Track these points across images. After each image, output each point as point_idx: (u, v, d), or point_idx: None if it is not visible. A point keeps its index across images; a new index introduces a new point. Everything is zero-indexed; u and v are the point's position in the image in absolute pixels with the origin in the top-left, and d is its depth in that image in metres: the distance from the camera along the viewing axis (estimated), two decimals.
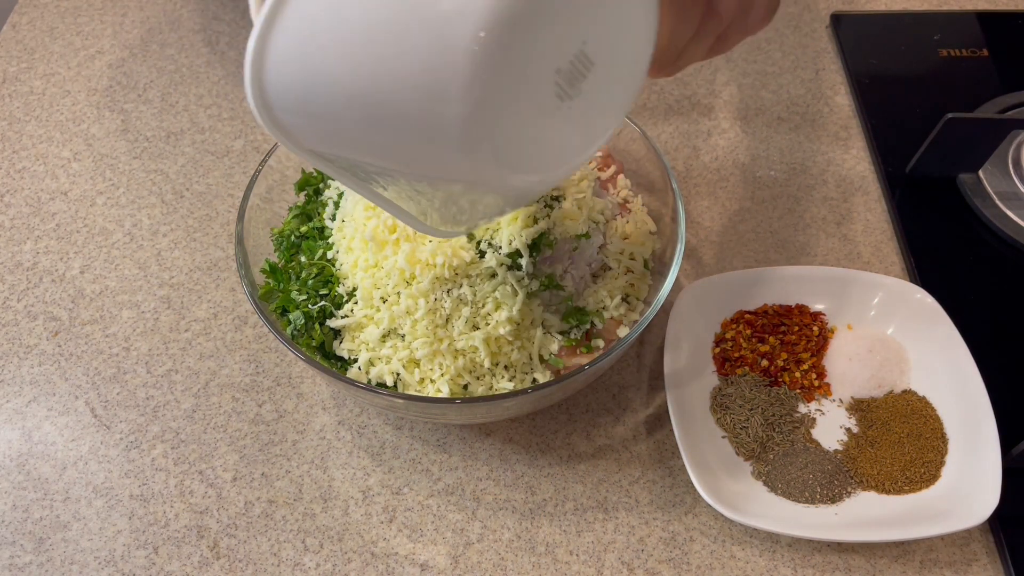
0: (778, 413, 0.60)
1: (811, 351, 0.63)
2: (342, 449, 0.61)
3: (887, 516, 0.55)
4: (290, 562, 0.56)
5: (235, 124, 0.83)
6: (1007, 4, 0.92)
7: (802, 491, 0.56)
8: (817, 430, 0.60)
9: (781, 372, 0.62)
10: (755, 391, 0.61)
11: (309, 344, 0.55)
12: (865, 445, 0.59)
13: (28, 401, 0.64)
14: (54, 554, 0.56)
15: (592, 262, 0.59)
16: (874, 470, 0.57)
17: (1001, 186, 0.72)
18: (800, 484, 0.56)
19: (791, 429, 0.59)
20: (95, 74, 0.88)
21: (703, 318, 0.64)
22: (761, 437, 0.59)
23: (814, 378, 0.62)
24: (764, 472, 0.58)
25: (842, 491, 0.56)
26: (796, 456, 0.58)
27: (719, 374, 0.63)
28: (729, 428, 0.60)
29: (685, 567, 0.55)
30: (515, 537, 0.57)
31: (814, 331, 0.64)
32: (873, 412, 0.60)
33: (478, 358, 0.54)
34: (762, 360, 0.62)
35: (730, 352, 0.63)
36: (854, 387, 0.62)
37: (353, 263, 0.55)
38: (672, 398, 0.58)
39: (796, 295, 0.65)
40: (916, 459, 0.57)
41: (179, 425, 0.62)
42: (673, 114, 0.83)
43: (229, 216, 0.75)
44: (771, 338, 0.63)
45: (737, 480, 0.57)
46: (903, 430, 0.59)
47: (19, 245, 0.74)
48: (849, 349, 0.63)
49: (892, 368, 0.61)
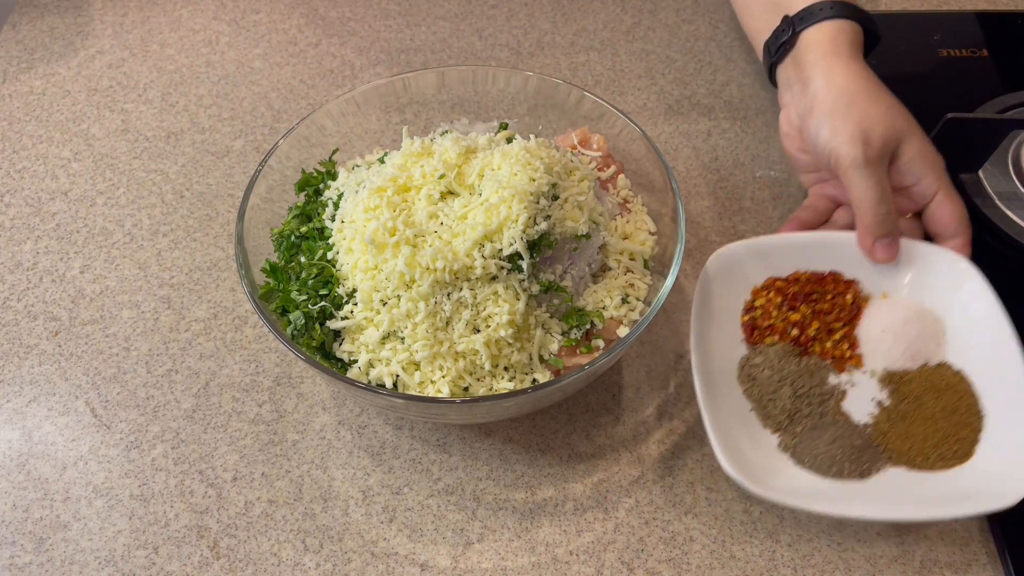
0: (807, 384, 0.58)
1: (843, 320, 0.60)
2: (342, 449, 0.61)
3: (917, 494, 0.53)
4: (290, 562, 0.56)
5: (235, 124, 0.83)
6: (1007, 4, 0.92)
7: (829, 466, 0.54)
8: (847, 402, 0.58)
9: (812, 342, 0.60)
10: (784, 361, 0.58)
11: (309, 344, 0.55)
12: (896, 419, 0.56)
13: (28, 401, 0.64)
14: (54, 554, 0.56)
15: (592, 262, 0.59)
16: (905, 445, 0.55)
17: (1001, 186, 0.72)
18: (828, 459, 0.54)
19: (820, 401, 0.57)
20: (95, 74, 0.88)
21: (732, 285, 0.62)
22: (789, 409, 0.57)
23: (846, 348, 0.60)
24: (791, 445, 0.56)
25: (871, 466, 0.54)
26: (824, 429, 0.56)
27: (747, 343, 0.61)
28: (756, 399, 0.58)
29: (685, 567, 0.55)
30: (515, 537, 0.57)
31: (847, 300, 0.61)
32: (906, 385, 0.58)
33: (479, 360, 0.54)
34: (792, 329, 0.60)
35: (759, 320, 0.61)
36: (887, 359, 0.59)
37: (353, 265, 0.55)
38: (697, 366, 0.56)
39: (830, 262, 0.62)
40: (949, 435, 0.55)
41: (179, 425, 0.62)
42: (673, 114, 0.83)
43: (229, 216, 0.75)
44: (803, 306, 0.61)
45: (762, 452, 0.56)
46: (937, 404, 0.56)
47: (19, 245, 0.74)
48: (883, 319, 0.60)
49: (928, 340, 0.59)
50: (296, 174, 0.65)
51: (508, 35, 0.92)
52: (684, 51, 0.89)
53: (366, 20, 0.94)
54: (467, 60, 0.89)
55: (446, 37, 0.92)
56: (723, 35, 0.91)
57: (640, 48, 0.90)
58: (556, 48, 0.90)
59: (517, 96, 0.70)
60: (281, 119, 0.83)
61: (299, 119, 0.72)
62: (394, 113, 0.70)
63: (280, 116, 0.83)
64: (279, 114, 0.84)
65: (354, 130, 0.68)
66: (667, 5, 0.95)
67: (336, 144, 0.67)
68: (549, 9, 0.94)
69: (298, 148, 0.65)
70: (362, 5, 0.95)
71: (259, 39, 0.91)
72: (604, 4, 0.95)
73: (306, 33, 0.92)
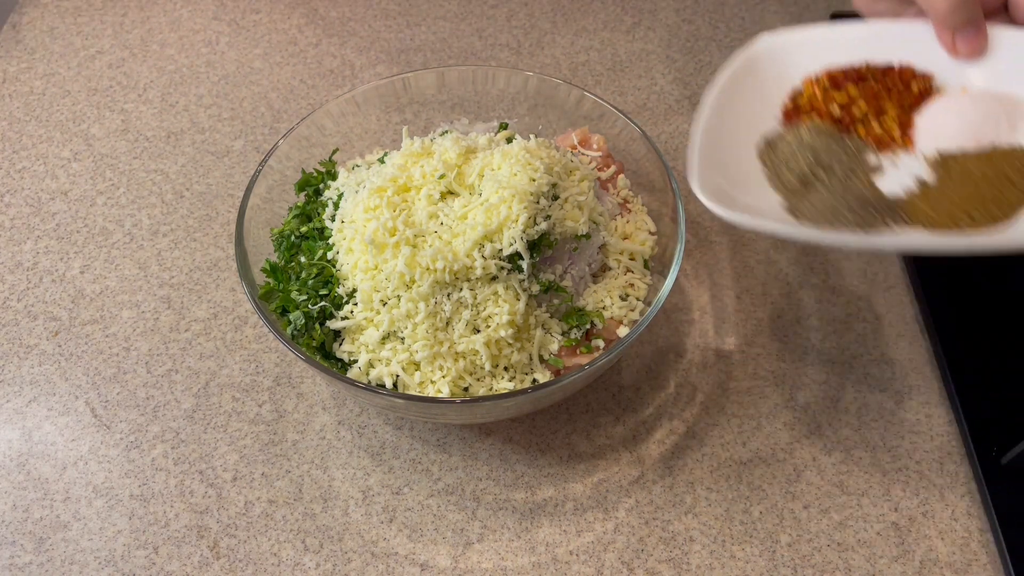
0: (836, 154, 0.50)
1: (900, 105, 0.52)
2: (342, 449, 0.61)
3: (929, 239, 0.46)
4: (290, 562, 0.56)
5: (235, 124, 0.83)
6: None
7: (826, 215, 0.46)
8: (883, 179, 0.50)
9: (856, 123, 0.52)
10: (815, 135, 0.51)
11: (309, 344, 0.55)
12: (935, 193, 0.48)
13: (28, 401, 0.64)
14: (54, 554, 0.56)
15: (592, 262, 0.59)
16: (929, 206, 0.47)
17: None
18: (830, 210, 0.46)
19: (847, 173, 0.49)
20: (95, 74, 0.88)
21: (779, 74, 0.54)
22: (805, 173, 0.49)
23: (895, 129, 0.51)
24: (792, 204, 0.48)
25: (877, 220, 0.46)
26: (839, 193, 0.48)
27: (783, 124, 0.53)
28: (770, 163, 0.51)
29: (685, 567, 0.55)
30: (515, 537, 0.57)
31: (912, 88, 0.52)
32: (959, 163, 0.49)
33: (479, 360, 0.54)
34: (834, 107, 0.52)
35: (802, 103, 0.54)
36: (944, 138, 0.50)
37: (353, 265, 0.55)
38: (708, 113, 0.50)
39: (903, 54, 0.53)
40: (989, 197, 0.46)
41: (179, 425, 0.62)
42: (673, 114, 0.83)
43: (229, 216, 0.75)
44: (850, 86, 0.53)
45: (752, 197, 0.49)
46: (988, 173, 0.47)
47: (19, 245, 0.74)
48: (950, 103, 0.51)
49: (999, 121, 0.50)
50: (296, 174, 0.65)
51: (508, 35, 0.92)
52: (684, 51, 0.89)
53: (366, 20, 0.94)
54: (467, 60, 0.89)
55: (446, 37, 0.92)
56: (723, 35, 0.91)
57: (640, 48, 0.90)
58: (556, 48, 0.90)
59: (517, 96, 0.70)
60: (281, 119, 0.83)
61: (299, 119, 0.72)
62: (394, 113, 0.70)
63: (280, 116, 0.83)
64: (279, 114, 0.84)
65: (354, 130, 0.68)
66: (667, 5, 0.95)
67: (336, 144, 0.67)
68: (549, 9, 0.94)
69: (298, 148, 0.65)
70: (362, 5, 0.95)
71: (259, 39, 0.91)
72: (604, 4, 0.95)
73: (306, 33, 0.92)
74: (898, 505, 0.58)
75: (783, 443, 0.61)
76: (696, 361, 0.65)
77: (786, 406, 0.63)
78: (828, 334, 0.67)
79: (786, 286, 0.70)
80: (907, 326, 0.67)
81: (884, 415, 0.62)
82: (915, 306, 0.68)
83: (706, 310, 0.68)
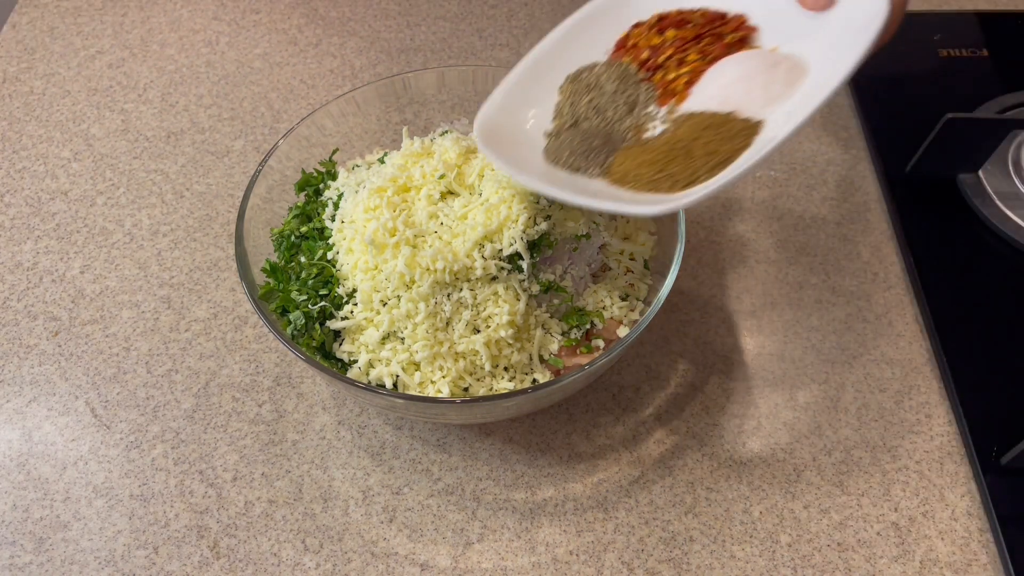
0: (615, 98, 0.52)
1: (704, 55, 0.52)
2: (342, 449, 0.61)
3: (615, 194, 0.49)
4: (290, 562, 0.56)
5: (235, 124, 0.83)
6: (1007, 4, 0.92)
7: (553, 155, 0.51)
8: (648, 132, 0.52)
9: (658, 69, 0.53)
10: (610, 76, 0.53)
11: (309, 344, 0.55)
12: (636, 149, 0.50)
13: (28, 401, 0.64)
14: (54, 554, 0.56)
15: (592, 262, 0.59)
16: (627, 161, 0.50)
17: (1001, 186, 0.72)
18: (561, 150, 0.51)
19: (612, 119, 0.52)
20: (95, 74, 0.88)
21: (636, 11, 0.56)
22: (579, 113, 0.53)
23: (683, 83, 0.52)
24: (550, 143, 0.52)
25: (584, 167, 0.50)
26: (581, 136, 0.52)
27: (610, 56, 0.56)
28: (566, 97, 0.54)
29: (685, 567, 0.55)
30: (515, 537, 0.57)
31: (725, 39, 0.52)
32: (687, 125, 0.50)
33: (479, 360, 0.54)
34: (645, 52, 0.54)
35: (630, 39, 0.55)
36: (705, 97, 0.51)
37: (353, 265, 0.55)
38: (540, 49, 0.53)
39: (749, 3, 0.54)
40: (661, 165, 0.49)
41: (179, 425, 0.62)
42: None
43: (229, 216, 0.75)
44: (671, 30, 0.54)
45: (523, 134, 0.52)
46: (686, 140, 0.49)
47: (19, 245, 0.74)
48: (732, 69, 0.51)
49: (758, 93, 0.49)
50: (296, 174, 0.65)
51: (508, 35, 0.92)
52: None
53: (366, 20, 0.94)
54: (467, 60, 0.89)
55: (446, 37, 0.92)
56: None
57: None
58: None
59: None
60: (281, 119, 0.83)
61: (299, 119, 0.72)
62: (394, 113, 0.70)
63: (280, 116, 0.83)
64: (279, 114, 0.84)
65: (354, 130, 0.68)
66: None
67: (336, 144, 0.67)
68: (549, 9, 0.94)
69: (298, 148, 0.65)
70: (362, 5, 0.95)
71: (259, 39, 0.91)
72: None
73: (306, 33, 0.92)
74: (898, 505, 0.58)
75: (783, 443, 0.61)
76: (696, 361, 0.65)
77: (786, 406, 0.63)
78: (828, 334, 0.67)
79: (786, 286, 0.70)
80: (907, 326, 0.67)
81: (884, 415, 0.62)
82: (915, 306, 0.68)
83: (706, 310, 0.68)
